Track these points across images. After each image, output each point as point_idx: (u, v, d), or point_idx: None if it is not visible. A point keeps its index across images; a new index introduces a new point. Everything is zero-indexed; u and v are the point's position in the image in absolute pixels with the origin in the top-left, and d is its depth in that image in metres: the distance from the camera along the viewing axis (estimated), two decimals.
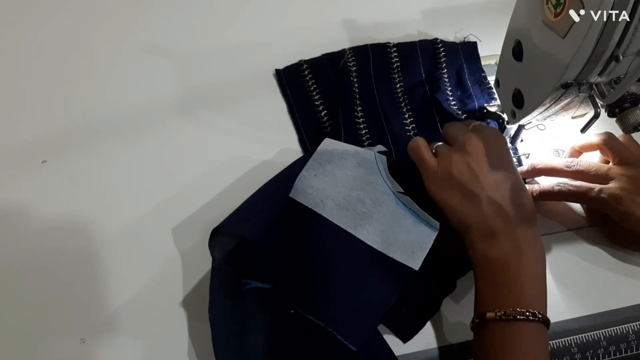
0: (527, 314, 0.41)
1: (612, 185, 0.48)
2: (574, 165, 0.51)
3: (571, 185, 0.50)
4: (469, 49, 0.63)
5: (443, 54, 0.62)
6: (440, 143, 0.50)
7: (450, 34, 0.65)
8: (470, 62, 0.62)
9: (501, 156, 0.47)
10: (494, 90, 0.59)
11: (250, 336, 0.45)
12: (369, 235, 0.46)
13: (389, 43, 0.62)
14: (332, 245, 0.45)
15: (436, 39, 0.63)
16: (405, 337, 0.48)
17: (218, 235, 0.47)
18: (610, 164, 0.51)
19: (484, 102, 0.59)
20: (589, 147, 0.53)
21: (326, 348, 0.43)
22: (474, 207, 0.45)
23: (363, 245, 0.46)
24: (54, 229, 0.51)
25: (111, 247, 0.51)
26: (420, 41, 0.63)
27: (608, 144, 0.51)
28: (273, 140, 0.57)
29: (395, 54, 0.62)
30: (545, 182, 0.54)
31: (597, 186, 0.49)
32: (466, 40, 0.64)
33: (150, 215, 0.53)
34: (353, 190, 0.48)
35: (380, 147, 0.53)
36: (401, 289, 0.45)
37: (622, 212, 0.47)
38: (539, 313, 0.42)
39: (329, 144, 0.50)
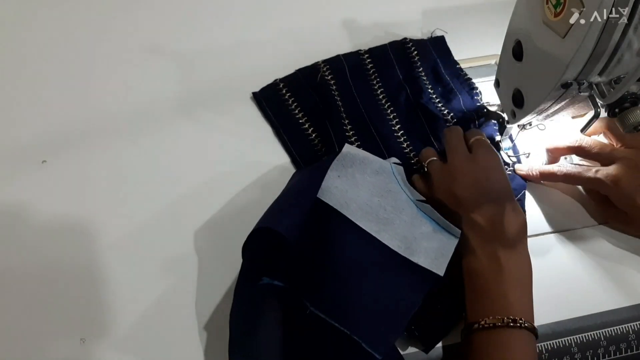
0: (508, 320, 0.42)
1: (611, 167, 0.49)
2: (579, 141, 0.52)
3: (570, 166, 0.51)
4: (438, 44, 0.63)
5: (415, 52, 0.62)
6: (433, 158, 0.52)
7: (449, 32, 0.64)
8: (442, 56, 0.62)
9: (488, 177, 0.48)
10: (473, 80, 0.60)
11: (263, 335, 0.44)
12: (392, 240, 0.46)
13: (360, 50, 0.62)
14: (357, 247, 0.45)
15: (405, 38, 0.62)
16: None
17: (254, 238, 0.45)
18: None
19: (466, 93, 0.60)
20: (593, 131, 0.54)
21: (345, 355, 0.42)
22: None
23: (387, 249, 0.46)
24: (53, 229, 0.51)
25: (111, 247, 0.51)
26: (390, 43, 0.62)
27: (611, 127, 0.52)
28: (274, 140, 0.57)
29: (369, 59, 0.61)
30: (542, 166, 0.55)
31: (594, 167, 0.50)
32: (433, 35, 0.64)
33: (149, 215, 0.52)
34: (374, 196, 0.48)
35: (394, 159, 0.53)
36: (425, 295, 0.44)
37: (619, 194, 0.48)
38: (521, 319, 0.42)
39: (350, 149, 0.50)
